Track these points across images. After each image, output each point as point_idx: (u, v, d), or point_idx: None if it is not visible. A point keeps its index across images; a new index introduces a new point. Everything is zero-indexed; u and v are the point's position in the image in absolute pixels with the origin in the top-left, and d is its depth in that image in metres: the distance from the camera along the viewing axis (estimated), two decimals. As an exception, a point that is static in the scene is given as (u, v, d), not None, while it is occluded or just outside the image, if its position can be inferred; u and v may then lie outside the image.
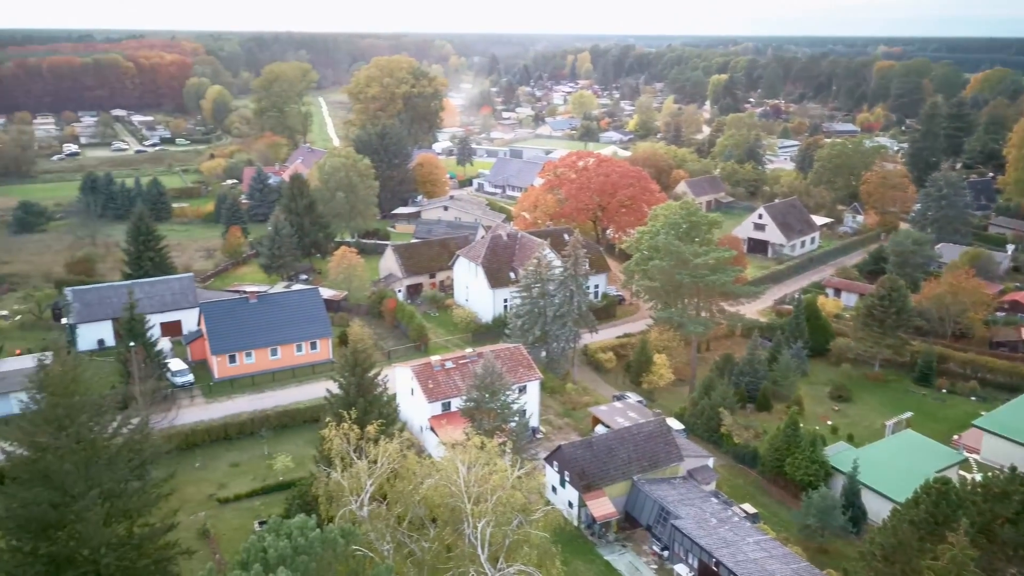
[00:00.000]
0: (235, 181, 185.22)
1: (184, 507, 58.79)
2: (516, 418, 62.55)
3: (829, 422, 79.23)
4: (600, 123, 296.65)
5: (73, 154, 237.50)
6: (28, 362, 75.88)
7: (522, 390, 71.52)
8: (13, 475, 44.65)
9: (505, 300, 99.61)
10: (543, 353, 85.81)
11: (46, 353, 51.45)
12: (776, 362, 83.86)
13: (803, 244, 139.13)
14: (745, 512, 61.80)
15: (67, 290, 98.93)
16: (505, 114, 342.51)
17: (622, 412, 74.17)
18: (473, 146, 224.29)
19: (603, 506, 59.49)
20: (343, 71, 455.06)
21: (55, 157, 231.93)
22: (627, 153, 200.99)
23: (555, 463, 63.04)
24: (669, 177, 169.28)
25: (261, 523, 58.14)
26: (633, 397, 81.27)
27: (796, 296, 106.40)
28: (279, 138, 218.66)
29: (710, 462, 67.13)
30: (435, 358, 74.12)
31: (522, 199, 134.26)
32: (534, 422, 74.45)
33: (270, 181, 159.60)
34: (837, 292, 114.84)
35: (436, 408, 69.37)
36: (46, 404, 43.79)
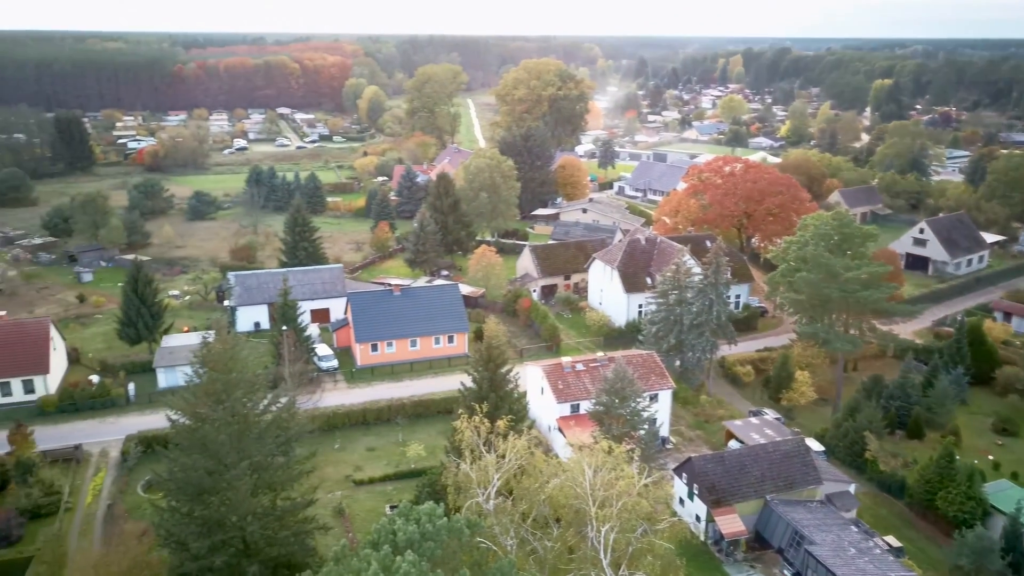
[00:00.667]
0: (386, 178, 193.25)
1: (323, 485, 61.90)
2: (645, 426, 61.60)
3: (991, 457, 72.87)
4: (750, 128, 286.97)
5: (242, 148, 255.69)
6: (194, 339, 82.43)
7: (653, 398, 70.34)
8: (176, 441, 48.64)
9: (640, 306, 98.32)
10: (677, 362, 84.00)
11: (209, 332, 55.79)
12: (932, 387, 78.09)
13: (969, 263, 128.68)
14: (888, 545, 57.91)
15: (230, 274, 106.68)
16: (651, 117, 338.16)
17: (758, 428, 71.40)
18: (616, 149, 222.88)
19: (732, 523, 57.54)
20: (492, 73, 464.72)
21: (226, 151, 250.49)
22: (777, 160, 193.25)
23: (684, 475, 61.63)
24: (821, 186, 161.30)
25: (392, 507, 60.37)
26: (771, 414, 78.02)
27: (959, 318, 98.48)
28: (428, 138, 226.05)
29: (851, 488, 63.41)
30: (566, 359, 74.25)
31: (663, 203, 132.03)
32: (664, 432, 73.07)
33: (418, 179, 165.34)
34: (1007, 316, 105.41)
35: (565, 409, 69.48)
36: (207, 379, 47.39)
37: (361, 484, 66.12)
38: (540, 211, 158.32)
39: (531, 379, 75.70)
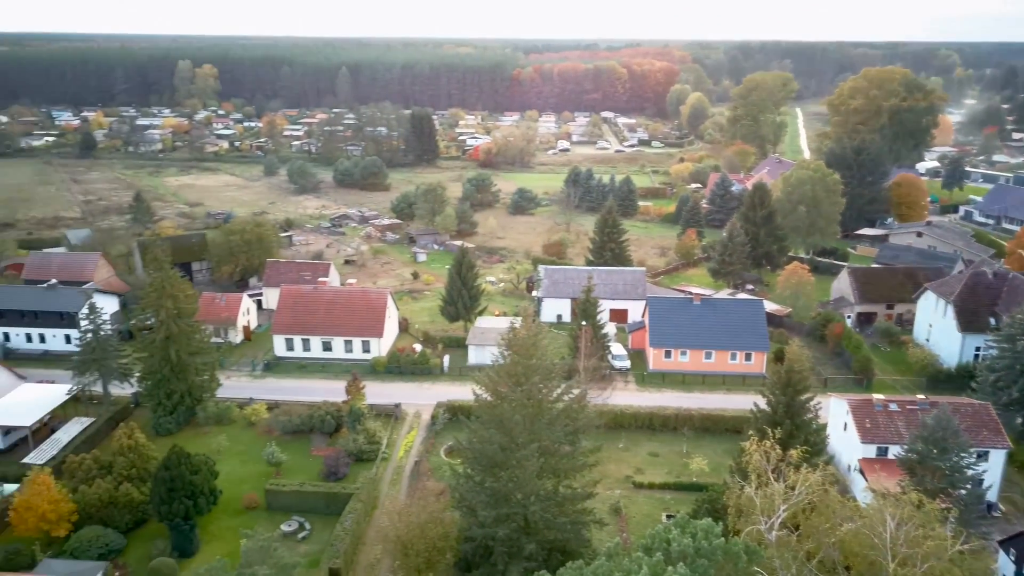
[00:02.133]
0: (699, 185, 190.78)
1: (603, 481, 63.08)
2: (968, 485, 53.86)
3: None
4: None
5: (564, 150, 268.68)
6: (503, 323, 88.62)
7: (982, 456, 61.11)
8: (477, 414, 52.81)
9: (977, 349, 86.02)
10: (1019, 420, 72.12)
11: (517, 318, 59.62)
12: None
13: None
14: None
15: (541, 267, 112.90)
16: (1015, 135, 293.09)
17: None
18: (967, 169, 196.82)
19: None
20: (826, 82, 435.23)
21: (550, 151, 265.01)
22: None
23: (1013, 551, 52.87)
24: None
25: (669, 516, 59.72)
26: None
27: None
28: (749, 147, 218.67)
29: None
30: (878, 396, 67.46)
31: (1021, 234, 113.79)
32: (991, 496, 63.24)
33: (732, 188, 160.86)
34: None
35: (870, 450, 63.22)
36: (510, 361, 50.72)
37: (640, 487, 66.34)
38: (865, 231, 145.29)
39: (834, 412, 70.05)
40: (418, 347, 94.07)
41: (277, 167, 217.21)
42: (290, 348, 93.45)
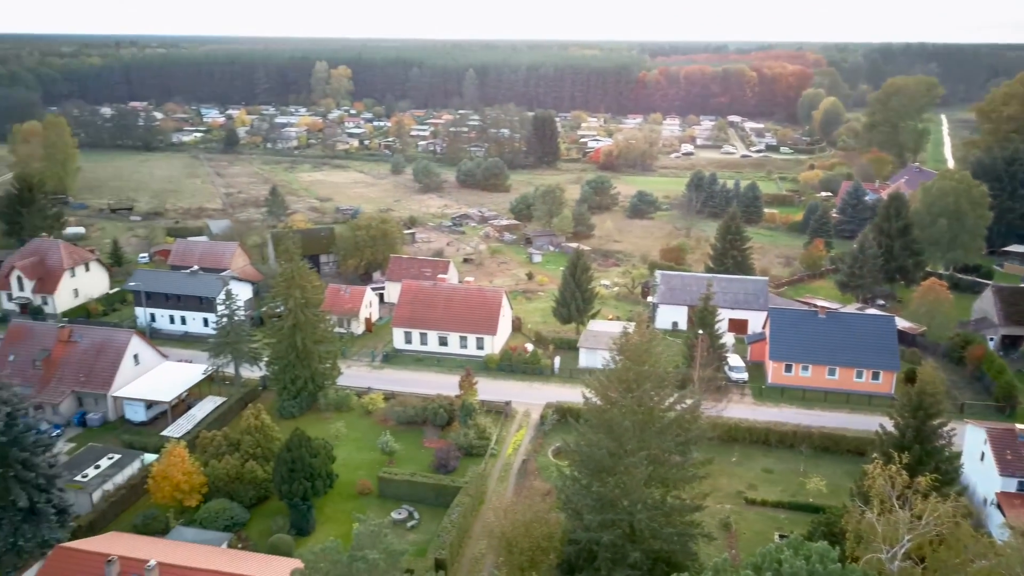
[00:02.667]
0: (829, 194, 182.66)
1: (713, 495, 61.54)
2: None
3: None
4: None
5: (688, 153, 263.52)
6: (616, 327, 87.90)
7: None
8: (586, 418, 52.64)
9: None
10: None
11: (630, 323, 58.97)
12: None
13: None
14: None
15: (658, 272, 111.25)
16: None
17: None
18: None
19: None
20: (976, 87, 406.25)
21: (673, 155, 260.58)
22: None
23: None
24: None
25: (782, 536, 57.56)
26: None
27: None
28: (885, 155, 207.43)
29: None
30: (1021, 427, 62.48)
31: None
32: None
33: (866, 198, 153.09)
34: None
35: (1010, 484, 58.64)
36: (621, 366, 50.29)
37: (752, 504, 64.23)
38: (1015, 247, 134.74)
39: (970, 440, 65.38)
40: (530, 347, 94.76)
41: (403, 166, 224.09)
42: (408, 341, 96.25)
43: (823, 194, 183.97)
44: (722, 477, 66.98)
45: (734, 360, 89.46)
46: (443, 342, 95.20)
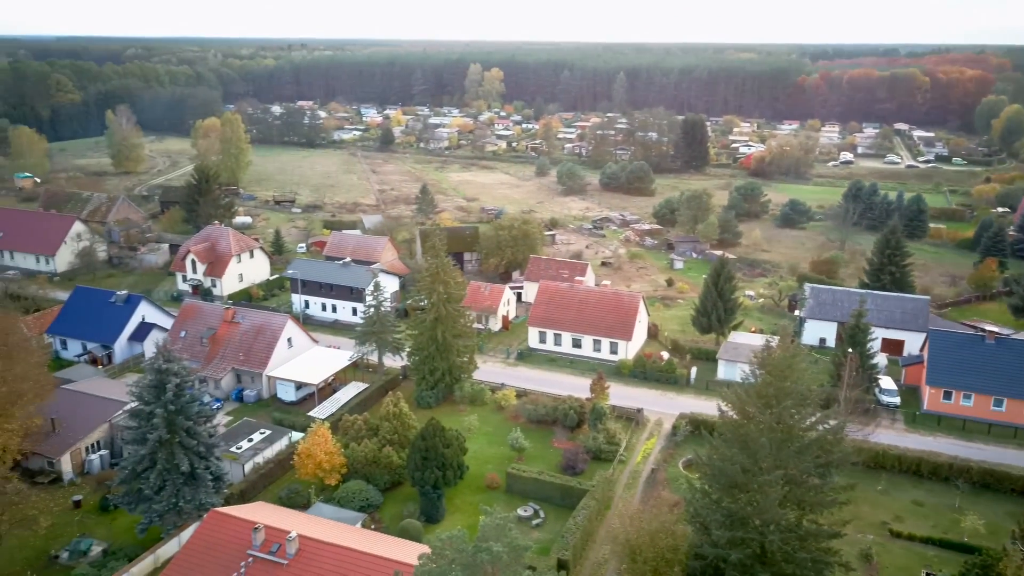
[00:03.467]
0: (1006, 210, 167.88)
1: (854, 523, 58.10)
2: None
3: None
4: None
5: (847, 162, 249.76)
6: (758, 340, 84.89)
7: None
8: (720, 431, 51.14)
9: None
10: None
11: (774, 337, 56.77)
12: None
13: None
14: None
15: (806, 285, 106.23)
16: None
17: None
18: None
19: None
20: None
21: (830, 163, 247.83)
22: None
23: None
24: None
25: (929, 574, 53.62)
26: None
27: None
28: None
29: None
30: None
31: None
32: None
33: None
34: None
35: None
36: (761, 381, 48.48)
37: (898, 536, 60.08)
38: None
39: None
40: (665, 355, 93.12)
41: (548, 168, 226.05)
42: (542, 341, 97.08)
43: (999, 210, 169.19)
44: (865, 505, 63.13)
45: (886, 383, 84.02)
46: (577, 344, 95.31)
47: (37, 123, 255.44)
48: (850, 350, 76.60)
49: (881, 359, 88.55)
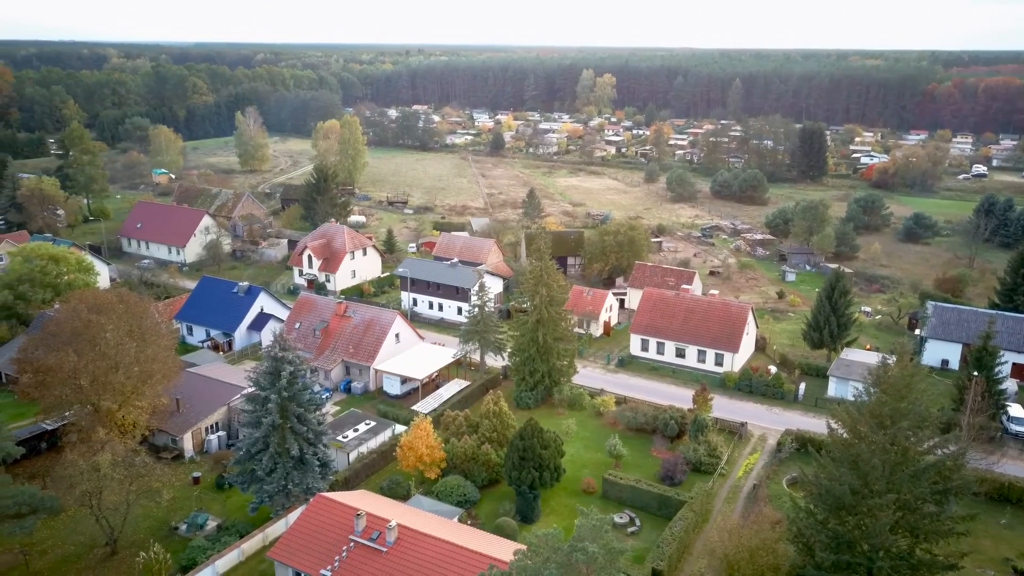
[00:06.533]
0: None
1: (973, 556, 54.59)
2: None
3: None
4: None
5: (979, 175, 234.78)
6: (872, 358, 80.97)
7: None
8: (829, 450, 49.17)
9: None
10: None
11: (891, 355, 54.16)
12: None
13: None
14: None
15: (929, 304, 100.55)
16: None
17: None
18: None
19: None
20: None
21: (961, 176, 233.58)
22: None
23: None
24: None
25: (1057, 619, 49.73)
26: None
27: None
28: None
29: None
30: None
31: None
32: None
33: None
34: None
35: None
36: (876, 400, 46.33)
37: (1021, 575, 56.04)
38: None
39: None
40: (773, 369, 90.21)
41: (658, 174, 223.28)
42: (644, 348, 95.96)
43: None
44: (986, 539, 59.23)
45: (1016, 410, 78.44)
46: (680, 353, 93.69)
47: (174, 123, 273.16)
48: (975, 373, 72.04)
49: (1011, 385, 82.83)
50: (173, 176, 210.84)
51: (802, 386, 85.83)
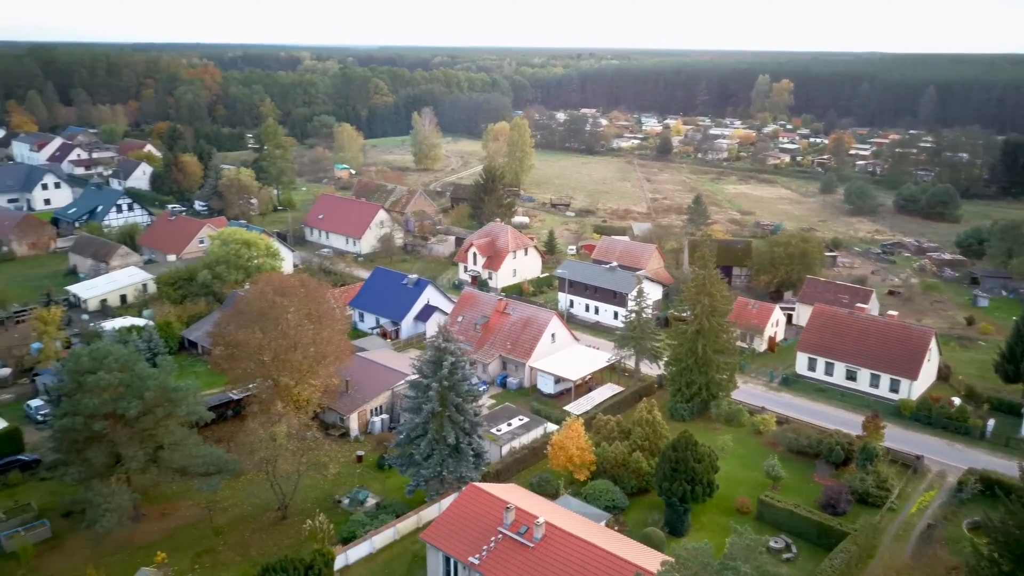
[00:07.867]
0: None
1: None
2: None
3: None
4: None
5: None
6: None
7: None
8: (1020, 495, 44.62)
9: None
10: None
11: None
12: None
13: None
14: None
15: None
16: None
17: None
18: None
19: None
20: None
21: None
22: None
23: None
24: None
25: None
26: None
27: None
28: None
29: None
30: None
31: None
32: None
33: None
34: None
35: None
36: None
37: None
38: None
39: None
40: (956, 400, 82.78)
41: (835, 185, 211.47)
42: (811, 368, 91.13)
43: None
44: None
45: None
46: (851, 376, 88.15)
47: (356, 121, 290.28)
48: None
49: None
50: (353, 171, 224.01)
51: (991, 422, 78.25)
